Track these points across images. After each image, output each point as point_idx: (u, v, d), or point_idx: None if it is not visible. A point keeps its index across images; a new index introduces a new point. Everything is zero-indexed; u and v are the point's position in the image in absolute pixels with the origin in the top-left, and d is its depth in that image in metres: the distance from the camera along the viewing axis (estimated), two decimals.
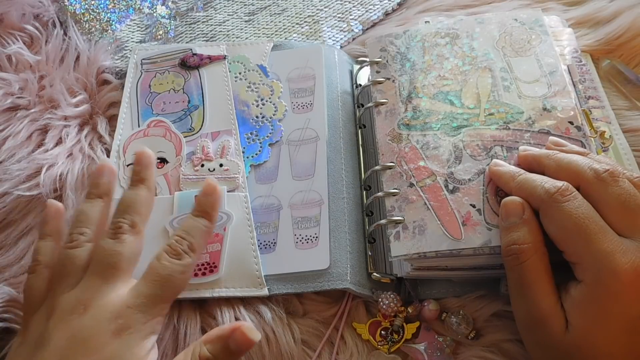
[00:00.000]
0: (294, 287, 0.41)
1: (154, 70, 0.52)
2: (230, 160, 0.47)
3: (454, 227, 0.38)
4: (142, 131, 0.49)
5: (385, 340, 0.40)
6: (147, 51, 0.54)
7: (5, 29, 0.54)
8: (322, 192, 0.44)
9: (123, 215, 0.38)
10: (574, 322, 0.32)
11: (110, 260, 0.36)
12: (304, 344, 0.41)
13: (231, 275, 0.42)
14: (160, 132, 0.49)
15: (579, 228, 0.33)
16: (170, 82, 0.51)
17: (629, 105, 0.48)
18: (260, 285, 0.41)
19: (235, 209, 0.44)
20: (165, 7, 0.59)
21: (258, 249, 0.43)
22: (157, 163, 0.47)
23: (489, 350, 0.39)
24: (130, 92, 0.51)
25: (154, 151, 0.47)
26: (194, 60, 0.52)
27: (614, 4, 0.53)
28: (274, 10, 0.58)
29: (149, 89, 0.51)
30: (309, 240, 0.43)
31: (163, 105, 0.50)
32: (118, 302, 0.34)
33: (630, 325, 0.32)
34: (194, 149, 0.47)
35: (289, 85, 0.50)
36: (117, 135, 0.49)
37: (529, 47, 0.46)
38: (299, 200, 0.44)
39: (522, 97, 0.44)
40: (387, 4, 0.58)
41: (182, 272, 0.36)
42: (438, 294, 0.42)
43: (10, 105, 0.51)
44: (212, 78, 0.51)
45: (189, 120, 0.49)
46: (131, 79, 0.52)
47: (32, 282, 0.37)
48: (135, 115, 0.50)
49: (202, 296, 0.41)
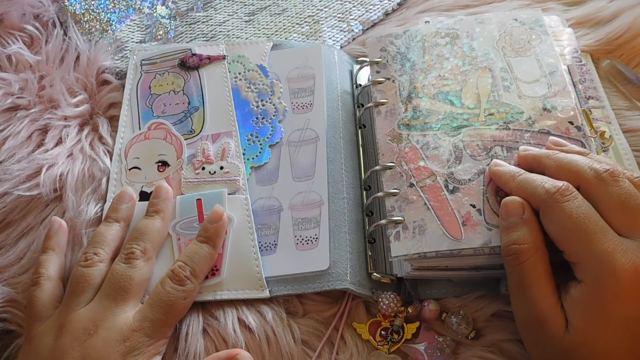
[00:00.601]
0: (295, 289, 0.41)
1: (153, 71, 0.52)
2: (230, 162, 0.46)
3: (454, 227, 0.38)
4: (143, 134, 0.49)
5: (385, 340, 0.40)
6: (146, 52, 0.53)
7: (5, 29, 0.54)
8: (322, 192, 0.44)
9: (137, 241, 0.41)
10: (574, 322, 0.32)
11: (122, 283, 0.38)
12: (304, 344, 0.41)
13: (233, 278, 0.42)
14: (161, 134, 0.49)
15: (579, 228, 0.33)
16: (170, 84, 0.51)
17: (629, 105, 0.48)
18: (262, 287, 0.41)
19: (236, 211, 0.44)
20: (165, 7, 0.59)
21: (259, 250, 0.43)
22: (159, 167, 0.47)
23: (489, 350, 0.39)
24: (131, 94, 0.51)
25: (155, 154, 0.47)
26: (194, 60, 0.52)
27: (614, 4, 0.53)
28: (274, 11, 0.58)
29: (149, 90, 0.51)
30: (309, 241, 0.43)
31: (163, 107, 0.50)
32: (126, 325, 0.37)
33: (630, 325, 0.32)
34: (194, 152, 0.47)
35: (289, 85, 0.50)
36: (119, 139, 0.49)
37: (529, 47, 0.46)
38: (299, 201, 0.44)
39: (522, 97, 0.44)
40: (387, 4, 0.58)
41: (184, 298, 0.39)
42: (438, 294, 0.42)
43: (10, 105, 0.50)
44: (212, 79, 0.51)
45: (189, 122, 0.49)
46: (131, 80, 0.52)
47: (37, 295, 0.39)
48: (136, 118, 0.50)
49: (205, 299, 0.41)
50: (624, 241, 0.32)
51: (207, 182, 0.46)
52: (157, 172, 0.47)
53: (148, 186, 0.46)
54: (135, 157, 0.47)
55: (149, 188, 0.45)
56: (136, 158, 0.47)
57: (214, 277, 0.42)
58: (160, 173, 0.47)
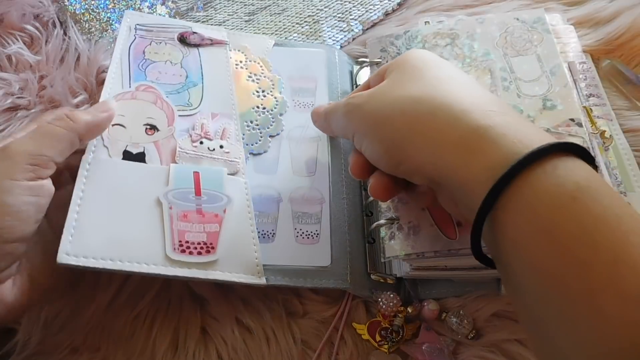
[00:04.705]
0: (293, 281, 0.40)
1: (149, 38, 0.49)
2: (231, 143, 0.45)
3: (449, 227, 0.38)
4: (130, 93, 0.46)
5: (385, 340, 0.40)
6: (142, 17, 0.51)
7: (5, 29, 0.54)
8: (324, 190, 0.44)
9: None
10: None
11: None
12: (304, 344, 0.41)
13: (228, 260, 0.40)
14: (151, 98, 0.46)
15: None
16: (166, 54, 0.49)
17: (629, 105, 0.48)
18: (259, 274, 0.40)
19: (235, 193, 0.43)
20: (165, 7, 0.59)
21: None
22: (147, 129, 0.44)
23: (489, 350, 0.39)
24: (122, 54, 0.47)
25: (143, 116, 0.45)
26: (195, 38, 0.50)
27: (614, 4, 0.53)
28: (274, 10, 0.58)
29: (143, 54, 0.48)
30: (310, 235, 0.42)
31: (158, 74, 0.47)
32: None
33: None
34: (190, 126, 0.45)
35: (290, 84, 0.50)
36: (104, 94, 0.45)
37: (529, 46, 0.46)
38: (299, 195, 0.44)
39: (522, 96, 0.44)
40: (387, 4, 0.58)
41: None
42: (438, 294, 0.42)
43: (11, 105, 0.51)
44: (213, 60, 0.49)
45: (186, 94, 0.47)
46: (123, 40, 0.48)
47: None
48: (127, 77, 0.46)
49: (196, 277, 0.39)
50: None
51: (206, 158, 0.44)
52: (144, 134, 0.44)
53: (135, 147, 0.43)
54: (121, 115, 0.44)
55: (135, 149, 0.43)
56: (121, 115, 0.44)
57: (208, 255, 0.39)
58: (148, 136, 0.44)
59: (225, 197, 0.42)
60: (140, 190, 0.41)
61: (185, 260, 0.39)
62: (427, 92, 0.32)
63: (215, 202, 0.41)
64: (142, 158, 0.42)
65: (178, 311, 0.42)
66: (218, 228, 0.40)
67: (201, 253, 0.39)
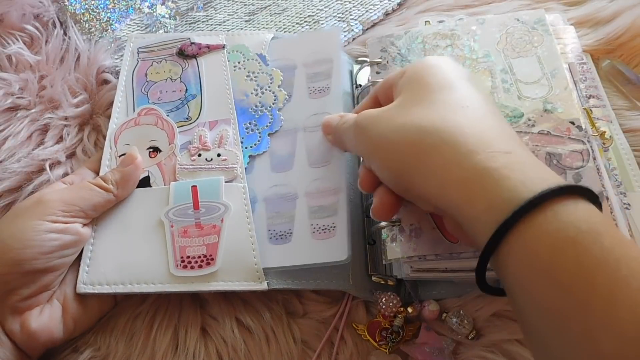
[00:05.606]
0: (295, 284, 0.40)
1: (150, 59, 0.51)
2: (228, 149, 0.46)
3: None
4: (133, 120, 0.48)
5: (385, 340, 0.40)
6: (144, 39, 0.53)
7: (5, 29, 0.54)
8: (339, 179, 0.43)
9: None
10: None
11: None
12: (304, 344, 0.41)
13: (228, 269, 0.40)
14: (152, 120, 0.48)
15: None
16: (167, 71, 0.50)
17: (629, 105, 0.48)
18: (259, 279, 0.40)
19: (233, 200, 0.43)
20: (165, 6, 0.59)
21: (272, 239, 0.42)
22: (150, 152, 0.46)
23: (489, 350, 0.39)
24: (126, 81, 0.50)
25: (146, 140, 0.47)
26: (192, 49, 0.51)
27: (614, 4, 0.53)
28: (274, 10, 0.58)
29: (145, 77, 0.50)
30: (327, 229, 0.41)
31: (159, 94, 0.49)
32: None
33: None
34: (190, 139, 0.46)
35: (305, 71, 0.49)
36: (112, 124, 0.48)
37: (530, 47, 0.46)
38: (314, 188, 0.43)
39: (522, 98, 0.44)
40: (387, 4, 0.58)
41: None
42: (438, 294, 0.42)
43: (11, 105, 0.51)
44: (211, 67, 0.50)
45: (185, 109, 0.48)
46: (127, 67, 0.51)
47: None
48: (131, 104, 0.49)
49: (199, 290, 0.40)
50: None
51: (204, 169, 0.45)
52: (148, 158, 0.46)
53: (141, 172, 0.45)
54: (126, 144, 0.46)
55: (141, 174, 0.45)
56: (126, 145, 0.46)
57: (208, 267, 0.40)
58: (151, 159, 0.46)
59: (222, 206, 0.43)
60: (145, 214, 0.43)
61: (187, 275, 0.40)
62: (435, 123, 0.32)
63: (213, 213, 0.43)
64: (147, 182, 0.45)
65: (178, 311, 0.42)
66: (217, 239, 0.41)
67: (202, 266, 0.41)
